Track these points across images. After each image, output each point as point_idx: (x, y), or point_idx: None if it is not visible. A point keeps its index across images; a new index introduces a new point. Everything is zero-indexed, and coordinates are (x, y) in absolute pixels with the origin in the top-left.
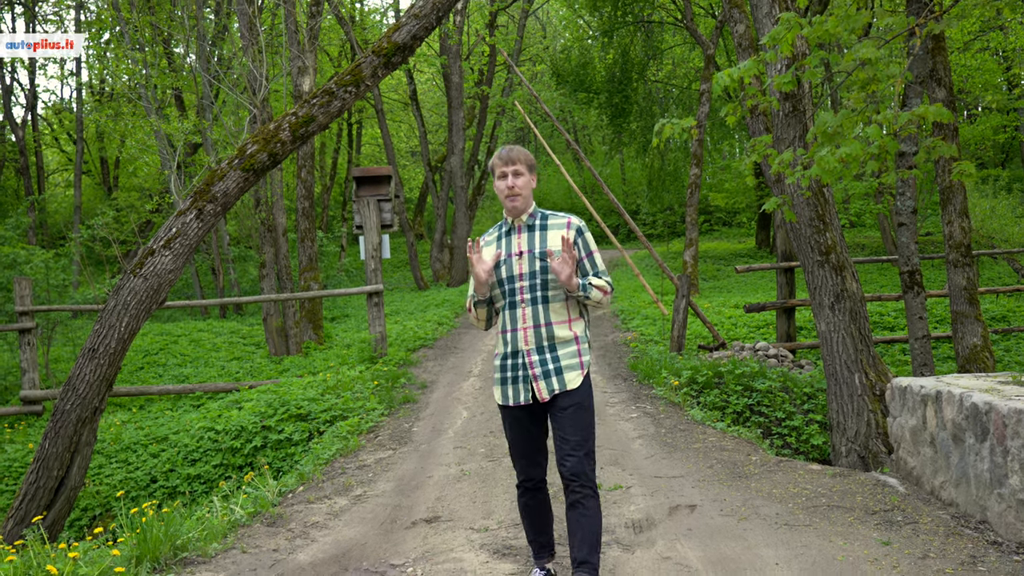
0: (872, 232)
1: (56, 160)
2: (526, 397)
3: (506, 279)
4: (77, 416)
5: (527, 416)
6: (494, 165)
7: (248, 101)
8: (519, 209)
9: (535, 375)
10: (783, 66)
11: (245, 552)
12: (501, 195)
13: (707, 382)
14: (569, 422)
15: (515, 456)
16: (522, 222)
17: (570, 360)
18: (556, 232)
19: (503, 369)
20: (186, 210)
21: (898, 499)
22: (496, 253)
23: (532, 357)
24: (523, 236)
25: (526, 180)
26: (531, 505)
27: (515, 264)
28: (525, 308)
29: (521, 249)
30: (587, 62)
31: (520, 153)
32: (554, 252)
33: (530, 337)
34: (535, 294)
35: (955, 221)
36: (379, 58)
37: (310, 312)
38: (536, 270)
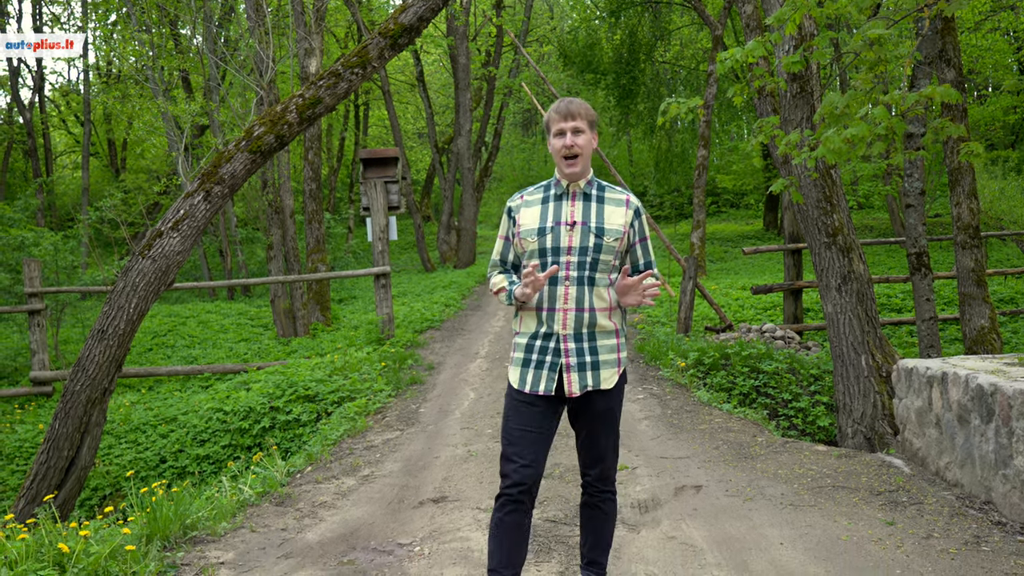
0: (880, 213)
1: (64, 142)
2: (548, 387)
3: (551, 250)
4: (87, 397)
5: (543, 408)
6: (550, 120)
7: (255, 83)
8: (578, 173)
9: (568, 365)
10: (791, 46)
11: (254, 531)
12: (557, 155)
13: (714, 364)
14: (603, 429)
15: (511, 453)
16: (579, 188)
17: (609, 355)
18: (614, 208)
19: (529, 350)
20: (194, 192)
21: (903, 480)
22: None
23: (569, 344)
24: (578, 204)
25: (587, 139)
26: (508, 523)
27: (564, 234)
28: (569, 287)
29: (574, 219)
30: (594, 43)
31: (581, 106)
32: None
33: (570, 321)
34: (583, 273)
35: (963, 202)
36: (386, 39)
37: (317, 294)
38: (589, 246)
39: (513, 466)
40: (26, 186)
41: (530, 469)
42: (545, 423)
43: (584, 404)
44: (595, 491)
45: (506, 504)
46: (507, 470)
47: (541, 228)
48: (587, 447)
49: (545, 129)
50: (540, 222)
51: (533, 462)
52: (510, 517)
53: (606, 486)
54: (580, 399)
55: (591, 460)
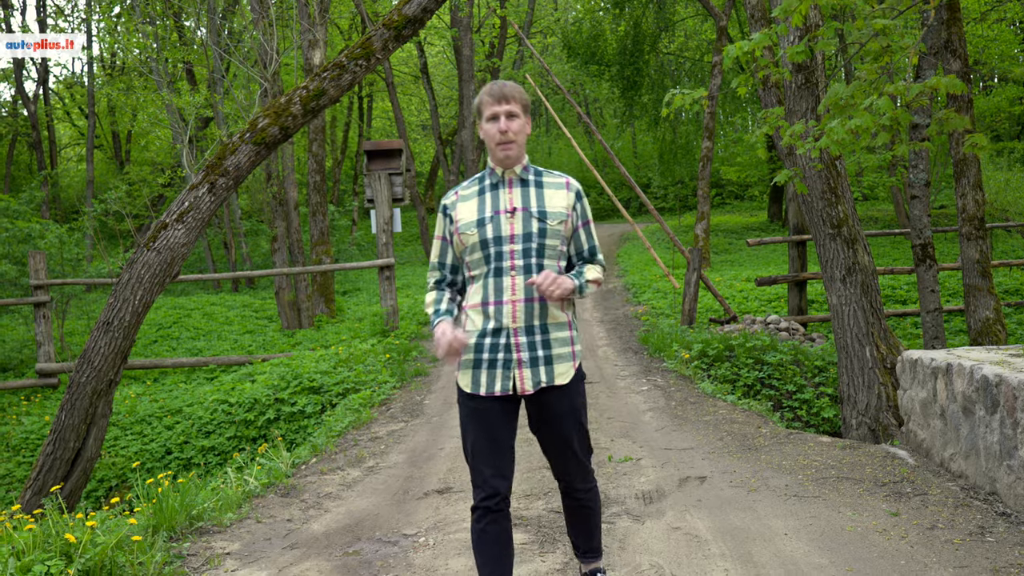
0: (885, 205)
1: (68, 134)
2: (505, 386)
3: (492, 240)
4: (92, 388)
5: (499, 411)
6: (482, 104)
7: (259, 74)
8: (513, 159)
9: (520, 360)
10: (796, 37)
11: (259, 522)
12: (491, 141)
13: (718, 355)
14: (567, 431)
15: (477, 464)
16: (515, 174)
17: (562, 348)
18: (554, 192)
19: (478, 349)
20: (198, 184)
21: (907, 471)
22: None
23: (520, 338)
24: (515, 191)
25: (521, 124)
26: (489, 533)
27: (504, 223)
28: (515, 277)
29: (514, 206)
30: (598, 34)
31: (514, 90)
32: (550, 231)
33: (520, 313)
34: (529, 260)
35: (969, 194)
36: (390, 31)
37: (322, 286)
38: (532, 231)
39: (482, 477)
40: (31, 179)
41: (500, 478)
42: (506, 427)
43: (541, 406)
44: (577, 493)
45: (484, 516)
46: (477, 482)
47: (480, 219)
48: (554, 453)
49: (476, 114)
50: (478, 214)
51: (502, 470)
52: (491, 527)
53: (585, 484)
54: (536, 400)
55: (561, 467)
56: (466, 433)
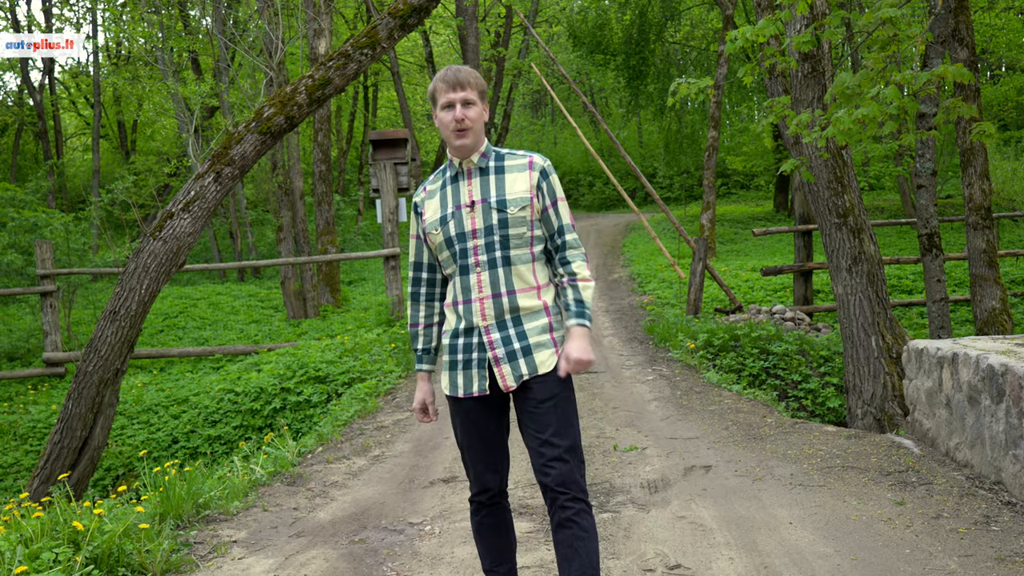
0: (891, 195)
1: (74, 124)
2: (482, 386)
3: (455, 237)
4: (99, 377)
5: (483, 410)
6: (436, 91)
7: (264, 64)
8: (469, 148)
9: (496, 357)
10: (802, 26)
11: (266, 510)
12: (446, 130)
13: (723, 345)
14: (549, 419)
15: (468, 463)
16: (472, 164)
17: (540, 336)
18: (516, 175)
19: (453, 350)
20: (204, 173)
21: (913, 460)
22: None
23: (492, 335)
24: (475, 182)
25: (478, 111)
26: (487, 525)
27: (466, 218)
28: (481, 273)
29: (473, 198)
30: (604, 23)
31: (470, 75)
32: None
33: (488, 310)
34: (493, 254)
35: (975, 183)
36: (395, 20)
37: (327, 275)
38: (493, 223)
39: (474, 473)
40: (37, 168)
41: (491, 474)
42: (491, 425)
43: (524, 396)
44: (564, 501)
45: (480, 509)
46: (470, 478)
47: (443, 216)
48: (536, 445)
49: (431, 100)
50: (441, 210)
51: (492, 466)
52: (487, 519)
53: (575, 493)
54: (521, 393)
55: (544, 460)
56: (455, 431)
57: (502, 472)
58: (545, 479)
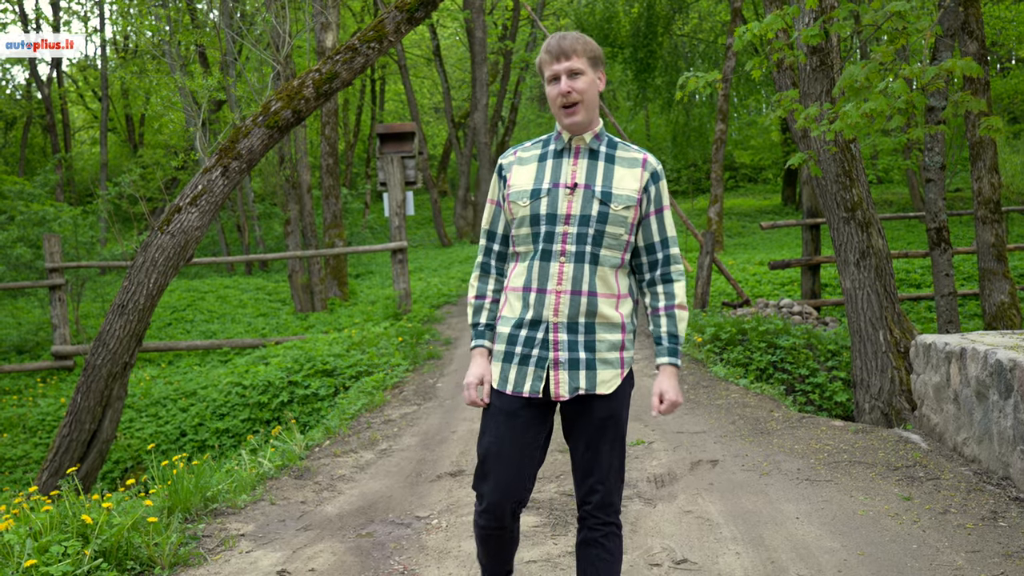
0: (900, 188)
1: (82, 118)
2: (535, 387)
3: (545, 217)
4: (108, 371)
5: (528, 414)
6: (541, 63)
7: (271, 57)
8: (581, 124)
9: (557, 360)
10: (810, 19)
11: (274, 504)
12: (553, 105)
13: (731, 339)
14: (603, 443)
15: (489, 470)
16: (584, 143)
17: (609, 353)
18: (627, 170)
19: (511, 341)
20: (212, 167)
21: (920, 455)
22: None
23: (560, 335)
24: (581, 163)
25: (589, 80)
26: (494, 537)
27: (562, 199)
28: (565, 264)
29: (576, 180)
30: (611, 16)
31: (577, 41)
32: None
33: (563, 306)
34: (583, 248)
35: (985, 177)
36: (402, 13)
37: (335, 269)
38: (592, 215)
39: (488, 487)
40: (45, 161)
41: (508, 494)
42: (529, 435)
43: (579, 412)
44: (595, 523)
45: (484, 529)
46: (481, 490)
47: (535, 190)
48: (584, 467)
49: (539, 73)
50: (535, 183)
51: (513, 485)
52: (496, 531)
53: (608, 517)
54: (573, 405)
55: (589, 484)
56: (484, 431)
57: (529, 488)
58: (586, 506)
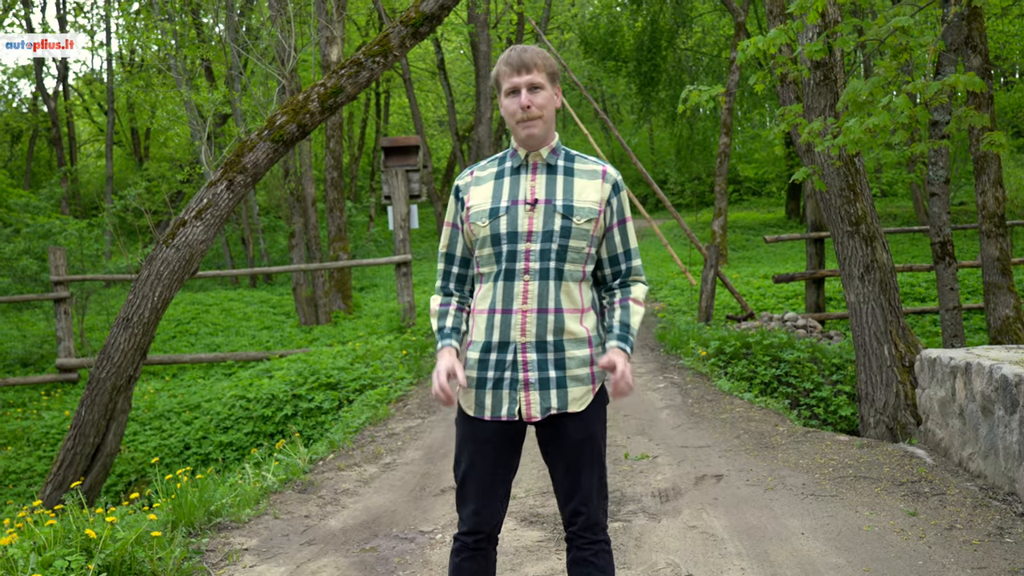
0: (904, 201)
1: (87, 131)
2: (512, 410)
3: (506, 236)
4: (112, 384)
5: (501, 438)
6: (499, 75)
7: (277, 71)
8: (538, 139)
9: (528, 381)
10: (814, 34)
11: (277, 518)
12: (511, 119)
13: (735, 353)
14: (582, 461)
15: (466, 495)
16: (541, 158)
17: (579, 369)
18: (587, 182)
19: (483, 366)
20: (217, 181)
21: (926, 470)
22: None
23: (529, 355)
24: (540, 178)
25: (548, 96)
26: (464, 570)
27: (523, 217)
28: (529, 283)
29: (536, 197)
30: (616, 30)
31: (536, 55)
32: None
33: (531, 325)
34: (547, 264)
35: (989, 191)
36: (407, 28)
37: (339, 282)
38: (555, 230)
39: (466, 511)
40: (51, 175)
41: (485, 516)
42: (503, 460)
43: (553, 432)
44: (583, 543)
45: (462, 550)
46: (461, 514)
47: (494, 209)
48: (565, 488)
49: (495, 86)
50: (493, 202)
51: (489, 507)
52: (466, 564)
53: (596, 535)
54: (546, 426)
55: (572, 507)
56: (460, 457)
57: (500, 514)
58: (572, 527)
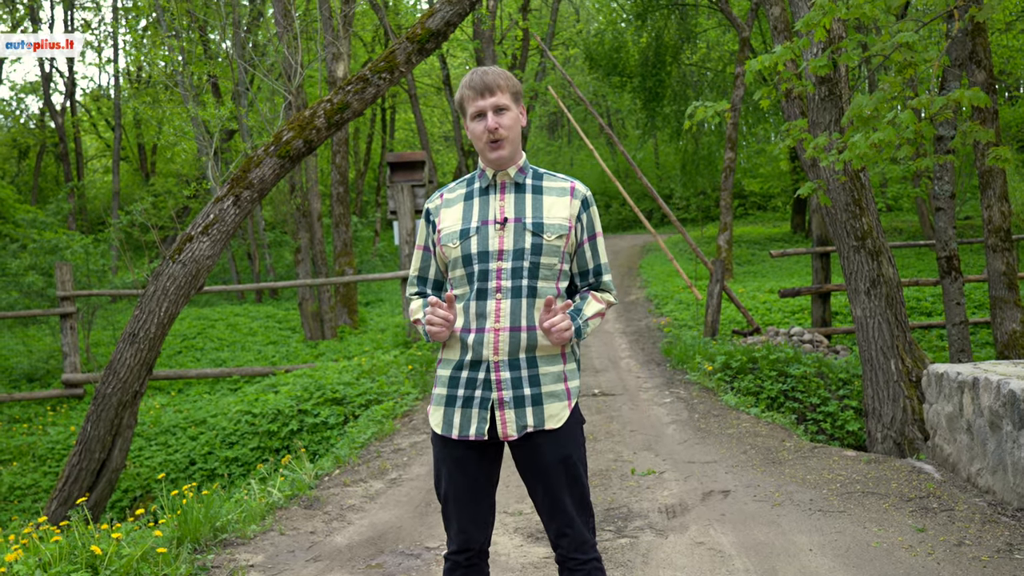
0: (909, 216)
1: (94, 147)
2: (480, 429)
3: (477, 256)
4: (118, 399)
5: (475, 457)
6: (463, 99)
7: (283, 87)
8: (506, 159)
9: (502, 400)
10: (819, 49)
11: (283, 534)
12: (479, 142)
13: (741, 367)
14: (559, 481)
15: (450, 514)
16: (509, 178)
17: (554, 385)
18: (556, 199)
19: (453, 384)
20: (223, 196)
21: (934, 486)
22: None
23: (501, 373)
24: (508, 197)
25: (514, 116)
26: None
27: (493, 236)
28: (501, 301)
29: (505, 216)
30: (620, 46)
31: (498, 76)
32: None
33: (503, 343)
34: (519, 282)
35: (994, 205)
36: (413, 44)
37: (345, 297)
38: (525, 247)
39: (453, 530)
40: (58, 190)
41: (472, 532)
42: (482, 476)
43: (530, 452)
44: (575, 564)
45: (455, 569)
46: (449, 533)
47: (464, 230)
48: (547, 509)
49: (459, 110)
50: (463, 223)
51: (475, 523)
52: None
53: (586, 555)
54: (522, 445)
55: (557, 527)
56: (439, 476)
57: (488, 529)
58: (558, 549)
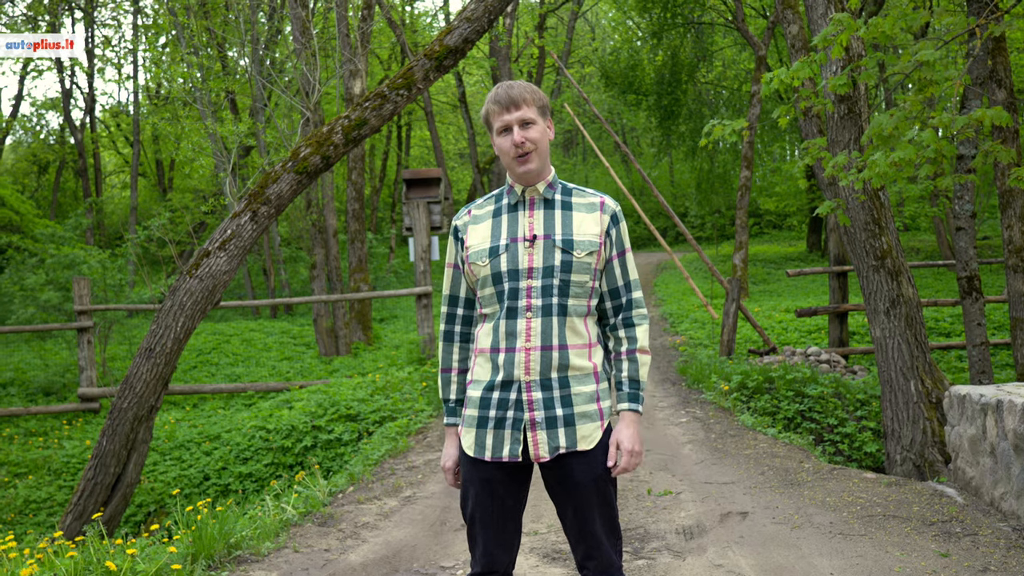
0: (927, 235)
1: (113, 162)
2: (514, 450)
3: (507, 274)
4: (134, 414)
5: (506, 478)
6: (489, 113)
7: (301, 104)
8: (534, 174)
9: (534, 421)
10: (838, 67)
11: (297, 551)
12: (506, 157)
13: (757, 387)
14: (590, 503)
15: (475, 535)
16: (538, 193)
17: (586, 406)
18: (585, 215)
19: (484, 405)
20: (240, 212)
21: (956, 510)
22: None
23: (533, 394)
24: (538, 214)
25: (540, 130)
26: None
27: (523, 254)
28: (532, 320)
29: (535, 232)
30: (636, 64)
31: (524, 90)
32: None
33: (535, 363)
34: (549, 300)
35: (1015, 225)
36: (431, 61)
37: (359, 313)
38: (555, 265)
39: (478, 551)
40: (76, 205)
41: (498, 555)
42: (510, 498)
43: (561, 473)
44: None
45: None
46: (474, 554)
47: (493, 247)
48: (576, 531)
49: (485, 125)
50: (492, 240)
51: (501, 546)
52: None
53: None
54: (553, 466)
55: (585, 549)
56: (466, 497)
57: (513, 552)
58: (584, 571)
